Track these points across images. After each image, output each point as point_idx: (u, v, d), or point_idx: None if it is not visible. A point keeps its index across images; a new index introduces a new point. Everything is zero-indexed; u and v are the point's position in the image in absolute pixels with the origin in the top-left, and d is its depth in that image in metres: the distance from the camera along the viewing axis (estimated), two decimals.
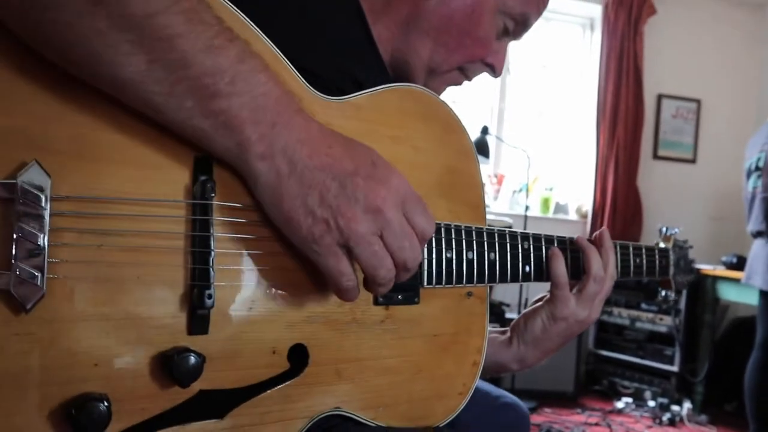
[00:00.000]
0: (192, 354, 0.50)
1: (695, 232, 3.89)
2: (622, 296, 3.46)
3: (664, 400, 3.18)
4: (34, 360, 0.45)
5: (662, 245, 1.00)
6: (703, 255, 3.71)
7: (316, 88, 0.60)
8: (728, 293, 3.18)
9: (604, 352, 3.50)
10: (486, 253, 0.72)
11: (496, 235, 0.74)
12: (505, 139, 3.73)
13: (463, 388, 0.70)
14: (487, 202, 3.53)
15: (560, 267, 0.78)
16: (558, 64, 3.97)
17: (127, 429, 0.48)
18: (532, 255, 0.78)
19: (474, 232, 0.71)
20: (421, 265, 0.65)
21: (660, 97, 3.91)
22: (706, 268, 3.31)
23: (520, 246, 0.76)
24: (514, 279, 0.76)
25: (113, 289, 0.48)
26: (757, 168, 2.62)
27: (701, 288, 3.29)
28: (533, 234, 0.79)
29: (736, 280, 2.89)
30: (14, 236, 0.43)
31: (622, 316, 3.46)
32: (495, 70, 0.79)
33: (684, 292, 3.22)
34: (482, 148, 3.22)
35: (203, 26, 0.46)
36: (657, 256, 0.96)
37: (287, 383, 0.57)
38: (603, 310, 3.43)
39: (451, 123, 0.72)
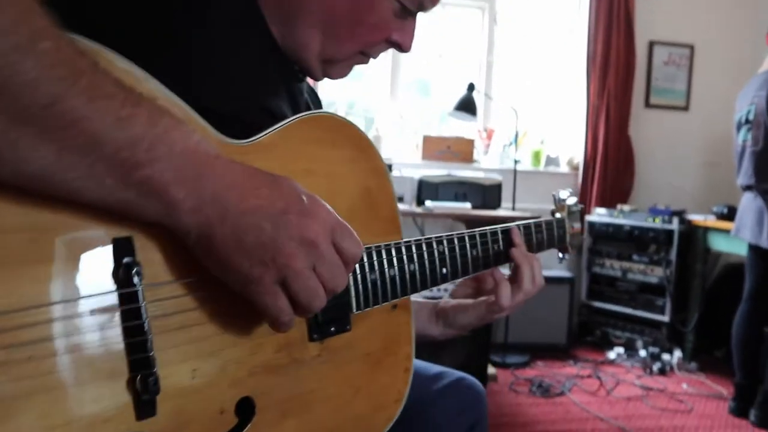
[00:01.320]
0: None
1: (687, 180, 3.90)
2: (614, 248, 3.49)
3: (655, 350, 3.24)
4: None
5: (558, 215, 1.06)
6: (696, 204, 3.72)
7: (228, 130, 0.59)
8: (719, 244, 3.20)
9: (597, 304, 3.55)
10: (406, 265, 0.74)
11: (413, 246, 0.76)
12: (494, 92, 3.67)
13: (398, 395, 0.75)
14: (477, 157, 3.50)
15: (506, 293, 0.86)
16: (546, 13, 3.86)
17: None
18: (447, 257, 0.80)
19: (393, 249, 0.73)
20: (349, 292, 0.67)
21: (651, 44, 3.81)
22: (698, 218, 3.32)
23: (435, 251, 0.78)
24: (434, 283, 0.79)
25: (54, 399, 0.46)
26: (747, 121, 2.58)
27: (692, 238, 3.30)
28: (446, 236, 0.81)
29: (727, 231, 2.90)
30: None
31: (614, 267, 3.49)
32: (402, 47, 0.76)
33: (674, 243, 3.24)
34: (468, 105, 3.17)
35: (107, 100, 0.44)
36: (555, 228, 1.01)
37: None
38: (595, 262, 3.46)
39: (360, 143, 0.72)
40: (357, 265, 0.67)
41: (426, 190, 2.99)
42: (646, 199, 3.75)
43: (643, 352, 3.27)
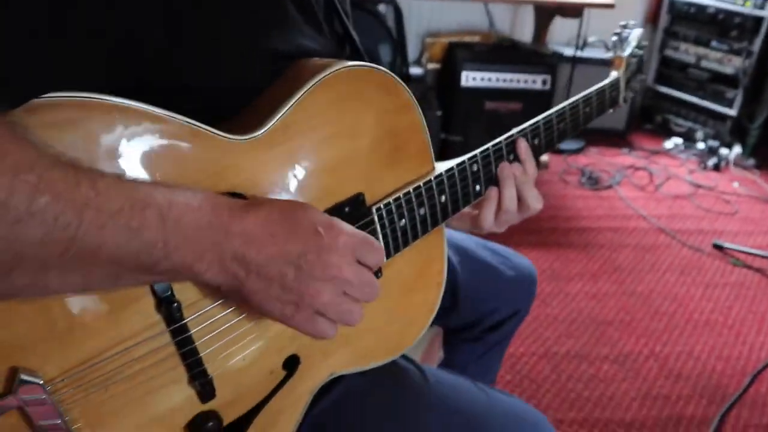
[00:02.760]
0: (209, 419, 0.63)
1: None
2: (692, 31, 3.21)
3: (715, 144, 3.18)
4: None
5: (613, 74, 1.02)
6: None
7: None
8: None
9: (663, 89, 3.40)
10: (437, 199, 0.75)
11: (444, 176, 0.76)
12: None
13: (431, 306, 0.81)
14: None
15: (488, 215, 0.84)
16: None
17: None
18: (481, 173, 0.81)
19: (423, 188, 0.73)
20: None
21: None
22: None
23: (468, 171, 0.79)
24: (467, 204, 0.81)
25: (132, 409, 0.57)
26: None
27: None
28: (480, 152, 0.80)
29: None
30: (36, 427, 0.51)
31: (688, 53, 3.25)
32: None
33: (762, 32, 2.95)
34: None
35: (115, 220, 0.46)
36: (607, 94, 0.99)
37: (286, 384, 0.68)
38: (669, 44, 3.22)
39: (385, 86, 0.69)
40: (385, 218, 0.70)
41: None
42: None
43: (701, 145, 3.22)
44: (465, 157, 0.79)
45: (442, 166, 0.78)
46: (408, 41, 3.33)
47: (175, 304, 0.57)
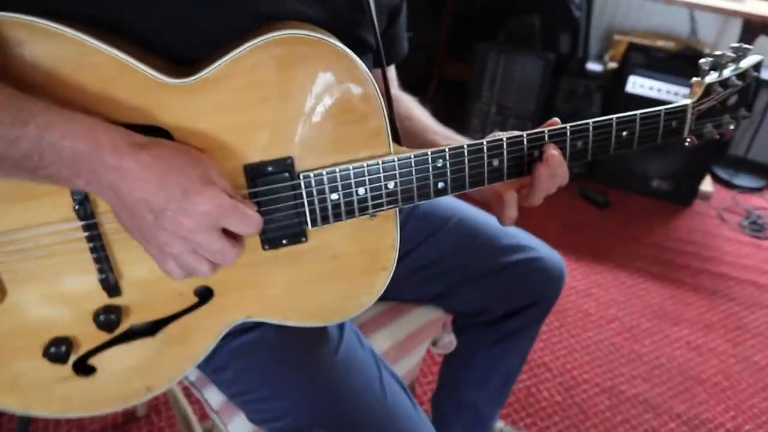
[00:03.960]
0: (110, 311, 0.71)
1: None
2: None
3: None
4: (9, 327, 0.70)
5: (685, 101, 0.84)
6: None
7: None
8: None
9: None
10: (382, 183, 0.73)
11: (396, 163, 0.73)
12: None
13: (371, 289, 0.79)
14: None
15: (510, 214, 0.80)
16: None
17: (88, 351, 0.73)
18: (448, 171, 0.75)
19: (366, 168, 0.71)
20: (303, 215, 0.72)
21: None
22: None
23: (431, 166, 0.74)
24: (427, 197, 0.76)
25: (45, 282, 0.69)
26: None
27: None
28: (450, 149, 0.75)
29: None
30: None
31: None
32: None
33: None
34: None
35: None
36: (661, 121, 0.83)
37: (199, 309, 0.74)
38: None
39: (337, 60, 0.67)
40: (313, 188, 0.70)
41: None
42: None
43: None
44: (430, 150, 0.74)
45: (408, 154, 0.74)
46: (597, 35, 3.13)
47: (88, 204, 0.65)
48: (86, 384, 0.75)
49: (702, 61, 0.85)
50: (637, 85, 2.56)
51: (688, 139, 0.87)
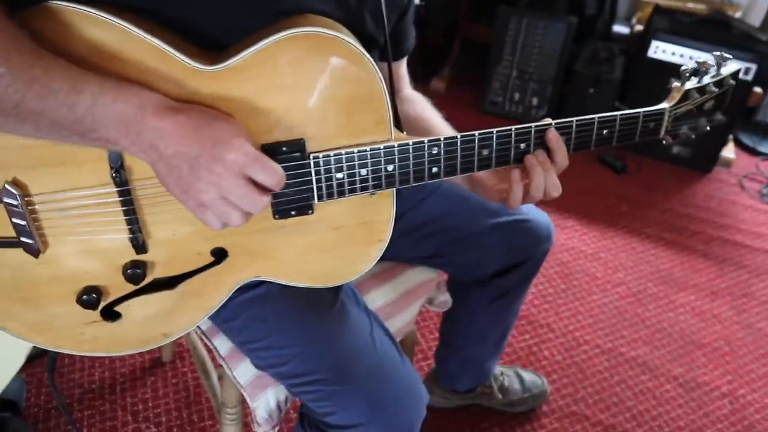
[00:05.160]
0: (137, 266, 0.81)
1: None
2: None
3: None
4: (49, 275, 0.80)
5: (663, 105, 0.91)
6: None
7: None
8: None
9: None
10: (383, 166, 0.81)
11: (395, 149, 0.80)
12: None
13: (367, 258, 0.88)
14: None
15: (517, 197, 0.88)
16: None
17: (115, 299, 0.83)
18: (442, 158, 0.83)
19: (368, 152, 0.79)
20: (311, 189, 0.80)
21: None
22: None
23: (426, 152, 0.82)
24: (419, 180, 0.84)
25: (83, 237, 0.78)
26: None
27: None
28: (445, 139, 0.82)
29: None
30: (12, 223, 0.75)
31: None
32: None
33: None
34: None
35: (54, 96, 0.63)
36: (640, 122, 0.90)
37: (214, 268, 0.84)
38: None
39: (347, 56, 0.74)
40: (322, 168, 0.79)
41: None
42: None
43: None
44: (426, 138, 0.82)
45: (407, 141, 0.81)
46: None
47: (123, 172, 0.75)
48: (112, 328, 0.85)
49: (683, 68, 0.92)
50: (660, 50, 2.54)
51: (664, 140, 0.95)
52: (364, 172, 0.81)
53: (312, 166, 0.79)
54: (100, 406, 1.56)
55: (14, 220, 0.75)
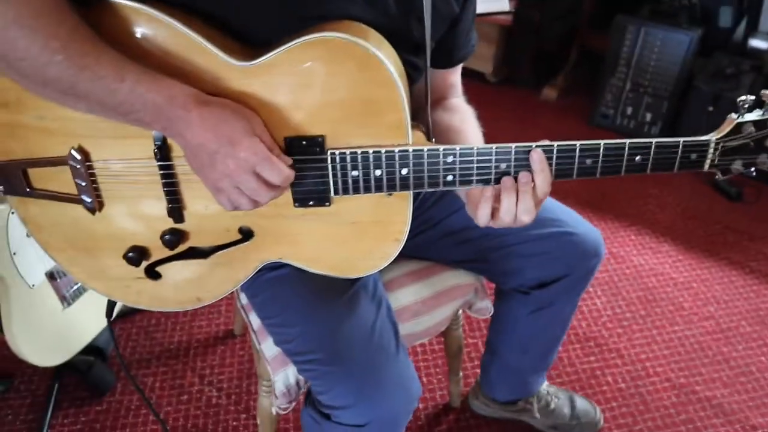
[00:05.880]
0: (173, 234, 0.91)
1: None
2: None
3: None
4: (103, 231, 0.93)
5: (708, 137, 0.84)
6: None
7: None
8: None
9: None
10: (397, 168, 0.84)
11: (410, 153, 0.83)
12: None
13: (384, 255, 0.92)
14: None
15: (483, 214, 0.87)
16: None
17: (156, 261, 0.94)
18: (457, 167, 0.84)
19: (383, 154, 0.83)
20: (327, 182, 0.86)
21: None
22: None
23: (441, 160, 0.84)
24: (434, 186, 0.86)
25: (131, 201, 0.90)
26: None
27: None
28: (461, 148, 0.83)
29: None
30: (75, 183, 0.87)
31: None
32: None
33: None
34: None
35: (100, 81, 0.73)
36: (679, 152, 0.84)
37: (242, 245, 0.92)
38: None
39: (367, 61, 0.78)
40: (338, 164, 0.84)
41: None
42: None
43: None
44: (442, 146, 0.83)
45: (422, 147, 0.83)
46: None
47: (165, 149, 0.85)
48: (153, 285, 0.97)
49: (741, 99, 0.84)
50: None
51: (717, 175, 0.88)
52: (378, 172, 0.85)
53: (329, 161, 0.84)
54: (174, 365, 1.73)
55: (77, 180, 0.88)
